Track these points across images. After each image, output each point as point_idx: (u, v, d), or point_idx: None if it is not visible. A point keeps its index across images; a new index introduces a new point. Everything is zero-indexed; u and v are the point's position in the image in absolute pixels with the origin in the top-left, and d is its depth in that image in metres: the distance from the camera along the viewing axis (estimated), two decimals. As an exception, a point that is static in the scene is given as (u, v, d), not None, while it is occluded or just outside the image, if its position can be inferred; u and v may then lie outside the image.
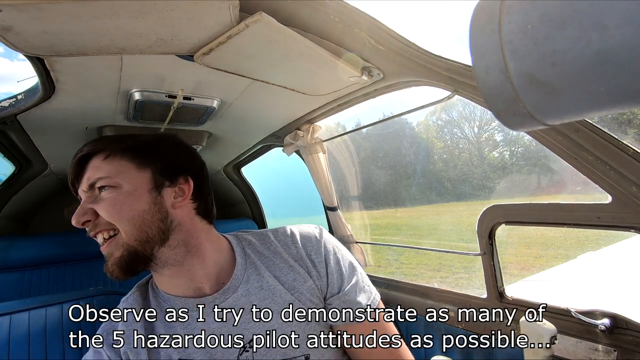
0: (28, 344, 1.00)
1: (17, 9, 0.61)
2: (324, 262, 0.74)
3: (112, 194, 0.63)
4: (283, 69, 1.00)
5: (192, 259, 0.68)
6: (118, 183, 0.64)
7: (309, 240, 0.76)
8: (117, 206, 0.62)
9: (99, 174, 0.64)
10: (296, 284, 0.71)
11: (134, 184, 0.65)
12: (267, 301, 0.69)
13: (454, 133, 28.35)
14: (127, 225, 0.63)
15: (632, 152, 0.73)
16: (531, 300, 1.05)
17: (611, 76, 0.22)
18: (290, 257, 0.74)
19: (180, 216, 0.68)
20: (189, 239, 0.68)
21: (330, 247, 0.76)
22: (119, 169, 0.65)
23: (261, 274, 0.71)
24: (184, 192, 0.69)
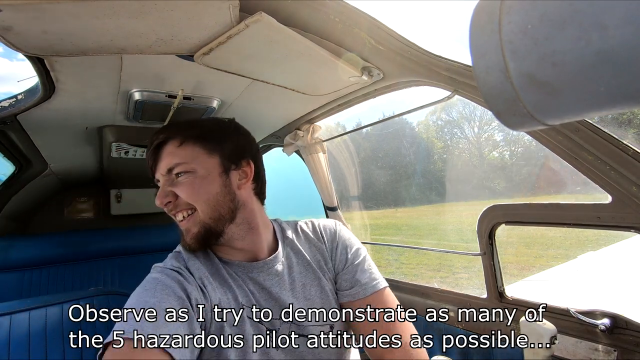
0: (28, 344, 1.00)
1: (17, 9, 0.61)
2: (336, 247, 0.85)
3: (189, 177, 0.71)
4: (283, 69, 1.01)
5: (251, 235, 0.78)
6: (194, 168, 0.72)
7: (328, 230, 0.89)
8: (195, 189, 0.71)
9: (176, 160, 0.72)
10: (321, 264, 0.83)
11: (207, 169, 0.73)
12: (303, 274, 0.80)
13: (454, 133, 28.35)
14: (203, 205, 0.71)
15: (632, 152, 0.73)
16: (531, 300, 1.05)
17: (611, 76, 0.22)
18: (317, 242, 0.86)
19: (244, 196, 0.77)
20: (251, 217, 0.77)
21: (343, 236, 0.88)
22: (193, 155, 0.72)
23: (297, 252, 0.83)
24: (246, 174, 0.78)
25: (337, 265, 0.84)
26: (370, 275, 0.82)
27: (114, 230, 2.36)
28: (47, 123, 1.26)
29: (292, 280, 0.78)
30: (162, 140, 0.74)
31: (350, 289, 0.80)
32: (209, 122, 0.79)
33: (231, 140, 0.78)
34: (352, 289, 0.80)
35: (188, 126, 0.76)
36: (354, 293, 0.79)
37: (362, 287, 0.79)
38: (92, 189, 2.57)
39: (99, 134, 1.48)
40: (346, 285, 0.81)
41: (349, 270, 0.82)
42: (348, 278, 0.81)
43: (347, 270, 0.82)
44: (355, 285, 0.80)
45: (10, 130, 1.26)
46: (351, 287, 0.80)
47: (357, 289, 0.80)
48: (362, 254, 0.86)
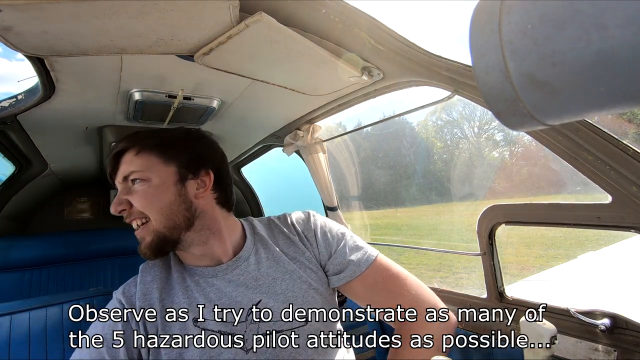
0: (28, 344, 1.00)
1: (17, 9, 0.61)
2: (313, 235, 0.85)
3: (143, 186, 0.72)
4: (283, 69, 1.00)
5: (214, 239, 0.77)
6: (148, 177, 0.72)
7: (301, 221, 0.89)
8: (148, 198, 0.71)
9: (132, 168, 0.72)
10: (297, 255, 0.82)
11: (162, 178, 0.72)
12: (272, 269, 0.79)
13: (454, 133, 28.34)
14: (156, 214, 0.71)
15: (632, 152, 0.73)
16: (531, 300, 1.05)
17: (611, 76, 0.22)
18: (290, 234, 0.86)
19: (202, 205, 0.76)
20: (211, 224, 0.77)
21: (318, 223, 0.88)
22: (148, 164, 0.73)
23: (268, 247, 0.82)
24: (205, 184, 0.77)
25: (322, 253, 0.84)
26: (360, 251, 0.83)
27: (114, 230, 2.36)
28: (47, 123, 1.25)
29: (260, 277, 0.77)
30: (121, 148, 0.75)
31: (344, 271, 0.81)
32: (171, 132, 0.80)
33: (191, 149, 0.77)
34: (347, 269, 0.80)
35: (148, 135, 0.76)
36: (350, 273, 0.80)
37: (356, 265, 0.80)
38: (92, 189, 2.57)
39: (99, 134, 1.48)
40: (340, 268, 0.81)
41: (338, 254, 0.82)
42: (339, 262, 0.82)
43: (336, 255, 0.82)
44: (349, 265, 0.81)
45: (10, 130, 1.26)
46: (345, 268, 0.81)
47: (351, 268, 0.80)
48: (343, 233, 0.87)
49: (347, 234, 0.87)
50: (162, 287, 0.74)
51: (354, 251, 0.83)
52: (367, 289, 0.80)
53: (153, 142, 0.75)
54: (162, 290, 0.74)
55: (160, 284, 0.74)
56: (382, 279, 0.80)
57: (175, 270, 0.78)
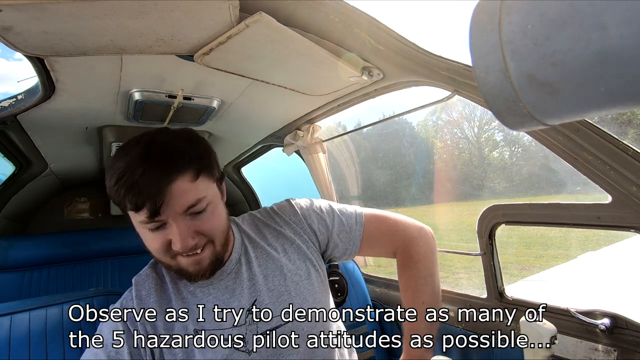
0: (28, 344, 1.00)
1: (17, 9, 0.61)
2: (302, 219, 0.83)
3: (212, 212, 0.67)
4: (283, 69, 1.00)
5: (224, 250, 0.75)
6: (209, 200, 0.66)
7: (284, 209, 0.85)
8: (222, 223, 0.69)
9: (197, 196, 0.63)
10: (286, 247, 0.80)
11: (216, 196, 0.69)
12: (263, 267, 0.77)
13: (454, 133, 28.34)
14: (220, 236, 0.68)
15: (632, 152, 0.73)
16: (531, 300, 1.05)
17: (611, 76, 0.22)
18: (277, 225, 0.83)
19: None
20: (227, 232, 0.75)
21: (303, 205, 0.86)
22: (206, 186, 0.66)
23: (255, 245, 0.80)
24: (223, 192, 0.74)
25: (320, 232, 0.83)
26: (350, 219, 0.85)
27: (114, 230, 2.36)
28: (47, 123, 1.25)
29: (252, 277, 0.75)
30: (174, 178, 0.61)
31: (348, 246, 0.84)
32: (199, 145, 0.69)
33: (212, 159, 0.71)
34: (349, 242, 0.84)
35: (190, 151, 0.64)
36: (352, 247, 0.84)
37: (353, 234, 0.84)
38: (92, 189, 2.57)
39: (99, 134, 1.48)
40: (343, 246, 0.84)
41: (336, 231, 0.83)
42: (343, 238, 0.84)
43: (336, 229, 0.83)
44: (350, 239, 0.84)
45: (10, 130, 1.26)
46: (348, 242, 0.84)
47: (351, 240, 0.84)
48: (330, 204, 0.88)
49: (332, 204, 0.89)
50: (159, 300, 0.71)
51: (347, 214, 0.85)
52: (369, 245, 0.86)
53: (204, 161, 0.66)
54: (160, 303, 0.71)
55: (157, 297, 0.71)
56: (376, 230, 0.86)
57: (170, 281, 0.74)
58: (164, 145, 0.63)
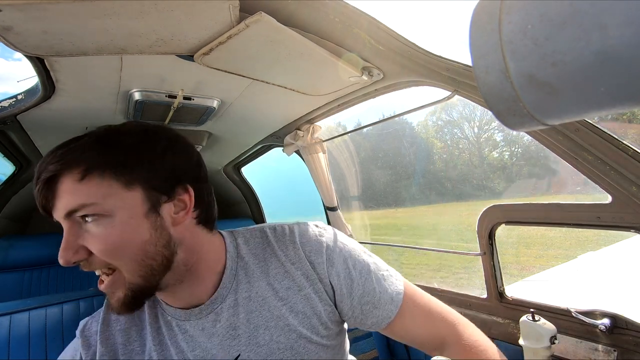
0: (28, 344, 1.00)
1: (17, 9, 0.61)
2: (325, 265, 0.64)
3: (103, 225, 0.50)
4: (283, 69, 1.00)
5: (191, 276, 0.59)
6: (107, 211, 0.50)
7: (309, 240, 0.66)
8: (114, 241, 0.50)
9: (79, 200, 0.49)
10: (290, 293, 0.63)
11: (128, 209, 0.51)
12: (254, 314, 0.61)
13: (454, 133, 28.36)
14: (127, 263, 0.51)
15: (632, 152, 0.73)
16: (531, 300, 1.05)
17: (611, 76, 0.22)
18: (288, 260, 0.64)
19: (180, 233, 0.56)
20: (189, 256, 0.58)
21: (333, 246, 0.66)
22: (104, 191, 0.50)
23: (251, 281, 0.62)
24: (185, 204, 0.56)
25: (340, 289, 0.64)
26: (388, 291, 0.66)
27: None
28: (47, 123, 1.25)
29: (238, 324, 0.60)
30: (54, 172, 0.50)
31: (373, 321, 0.66)
32: (127, 136, 0.54)
33: (159, 159, 0.54)
34: (379, 310, 0.65)
35: (92, 145, 0.52)
36: (379, 322, 0.65)
37: (382, 312, 0.65)
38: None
39: (99, 134, 1.48)
40: (369, 308, 0.65)
41: (366, 291, 0.65)
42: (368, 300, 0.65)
43: (362, 293, 0.64)
44: (378, 313, 0.65)
45: (10, 130, 1.26)
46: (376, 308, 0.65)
47: (380, 317, 0.65)
48: (367, 261, 0.68)
49: (371, 260, 0.69)
50: (128, 327, 0.61)
51: (384, 285, 0.66)
52: (405, 327, 0.66)
53: (103, 156, 0.51)
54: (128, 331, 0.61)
55: (127, 323, 0.61)
56: (417, 311, 0.66)
57: (148, 305, 0.63)
58: (78, 138, 0.53)
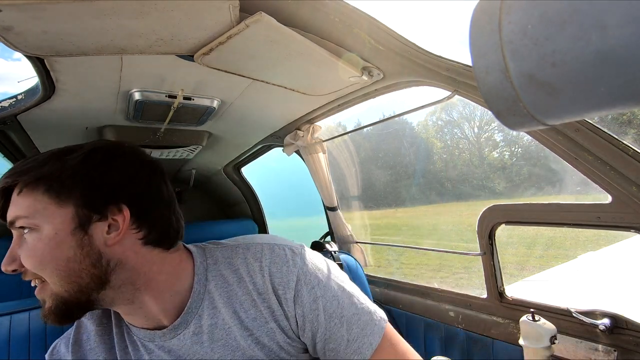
0: (28, 344, 1.00)
1: (17, 9, 0.61)
2: (292, 298, 0.60)
3: (33, 238, 0.52)
4: (283, 69, 1.00)
5: (143, 296, 0.57)
6: (36, 225, 0.52)
7: (279, 268, 0.61)
8: (37, 255, 0.52)
9: (17, 212, 0.53)
10: (256, 324, 0.60)
11: (54, 225, 0.52)
12: (218, 344, 0.59)
13: (454, 133, 28.38)
14: (52, 277, 0.52)
15: (632, 152, 0.73)
16: (531, 300, 1.05)
17: (611, 76, 0.22)
18: (255, 290, 0.61)
19: (119, 253, 0.55)
20: (134, 276, 0.56)
21: (304, 279, 0.61)
22: (36, 206, 0.52)
23: (217, 307, 0.60)
24: (118, 225, 0.55)
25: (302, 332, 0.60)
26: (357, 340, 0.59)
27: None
28: (47, 123, 1.25)
29: (200, 355, 0.59)
30: (4, 186, 0.54)
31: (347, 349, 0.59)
32: (70, 156, 0.55)
33: (93, 177, 0.54)
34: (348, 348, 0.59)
35: (37, 164, 0.54)
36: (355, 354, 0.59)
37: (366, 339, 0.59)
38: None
39: (99, 134, 1.48)
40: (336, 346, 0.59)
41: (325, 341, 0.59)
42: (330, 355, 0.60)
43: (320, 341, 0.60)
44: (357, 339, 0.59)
45: (10, 130, 1.26)
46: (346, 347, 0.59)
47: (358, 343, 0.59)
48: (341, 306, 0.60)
49: (347, 298, 0.61)
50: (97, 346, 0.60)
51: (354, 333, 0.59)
52: None
53: (38, 173, 0.53)
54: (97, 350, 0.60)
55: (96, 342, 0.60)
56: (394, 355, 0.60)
57: (115, 324, 0.62)
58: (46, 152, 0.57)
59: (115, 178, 0.56)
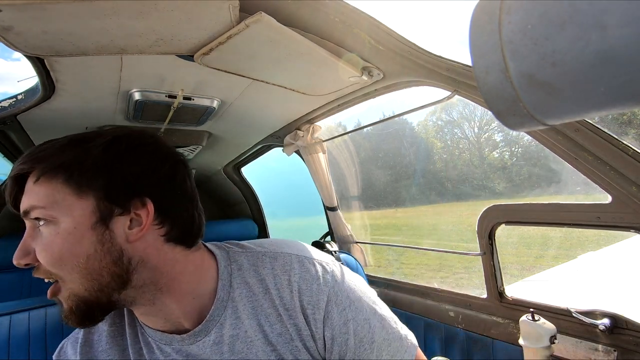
0: (28, 344, 1.00)
1: (17, 9, 0.61)
2: (321, 322, 0.56)
3: (49, 231, 0.49)
4: (283, 69, 1.00)
5: (164, 297, 0.54)
6: (53, 217, 0.48)
7: (308, 286, 0.57)
8: (56, 250, 0.48)
9: (32, 201, 0.49)
10: (280, 340, 0.56)
11: (74, 219, 0.48)
12: (238, 356, 0.55)
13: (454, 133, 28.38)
14: (71, 274, 0.49)
15: (632, 152, 0.73)
16: (531, 300, 1.05)
17: (611, 76, 0.22)
18: (282, 305, 0.56)
19: (141, 250, 0.51)
20: (157, 276, 0.53)
21: (335, 299, 0.57)
22: (54, 197, 0.48)
23: (241, 317, 0.56)
24: (141, 220, 0.51)
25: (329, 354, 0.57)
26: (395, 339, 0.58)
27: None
28: (47, 123, 1.25)
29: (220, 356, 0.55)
30: (19, 171, 0.50)
31: None
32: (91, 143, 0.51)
33: (116, 168, 0.50)
34: None
35: (55, 151, 0.50)
36: None
37: None
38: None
39: (99, 134, 1.48)
40: None
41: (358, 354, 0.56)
42: None
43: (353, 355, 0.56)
44: None
45: (10, 130, 1.26)
46: None
47: None
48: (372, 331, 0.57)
49: (379, 322, 0.58)
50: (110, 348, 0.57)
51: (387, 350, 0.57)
52: None
53: (57, 160, 0.49)
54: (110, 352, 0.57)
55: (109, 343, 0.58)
56: None
57: (128, 324, 0.59)
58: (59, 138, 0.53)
59: (140, 169, 0.52)
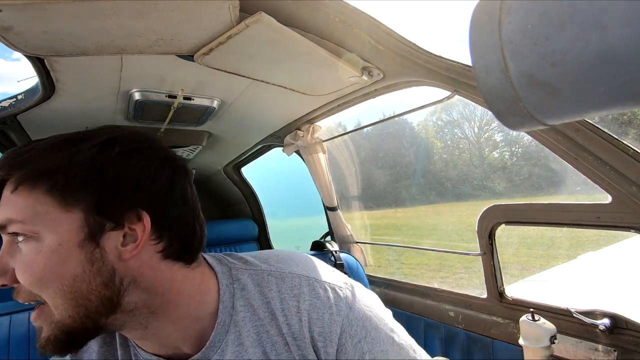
0: (28, 344, 1.00)
1: (17, 9, 0.61)
2: (334, 355, 0.50)
3: (30, 249, 0.41)
4: (283, 69, 1.01)
5: (159, 321, 0.47)
6: (35, 232, 0.41)
7: (320, 315, 0.51)
8: (37, 271, 0.41)
9: (9, 214, 0.41)
10: None
11: (58, 235, 0.41)
12: None
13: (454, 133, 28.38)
14: (54, 299, 0.42)
15: (632, 152, 0.73)
16: (531, 300, 1.05)
17: (611, 76, 0.22)
18: (290, 333, 0.51)
19: (135, 269, 0.44)
20: (151, 298, 0.46)
21: (349, 330, 0.51)
22: (35, 209, 0.41)
23: (244, 345, 0.50)
24: (135, 236, 0.44)
25: None
26: None
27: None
28: (47, 123, 1.26)
29: None
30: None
31: None
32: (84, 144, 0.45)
33: (109, 175, 0.43)
34: None
35: (34, 155, 0.43)
36: None
37: None
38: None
39: (99, 134, 1.49)
40: None
41: None
42: None
43: None
44: None
45: (10, 130, 1.26)
46: None
47: None
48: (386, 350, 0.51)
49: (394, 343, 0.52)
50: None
51: None
52: None
53: (39, 167, 0.42)
54: None
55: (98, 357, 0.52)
56: None
57: (120, 343, 0.53)
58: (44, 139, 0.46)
59: (135, 177, 0.45)
